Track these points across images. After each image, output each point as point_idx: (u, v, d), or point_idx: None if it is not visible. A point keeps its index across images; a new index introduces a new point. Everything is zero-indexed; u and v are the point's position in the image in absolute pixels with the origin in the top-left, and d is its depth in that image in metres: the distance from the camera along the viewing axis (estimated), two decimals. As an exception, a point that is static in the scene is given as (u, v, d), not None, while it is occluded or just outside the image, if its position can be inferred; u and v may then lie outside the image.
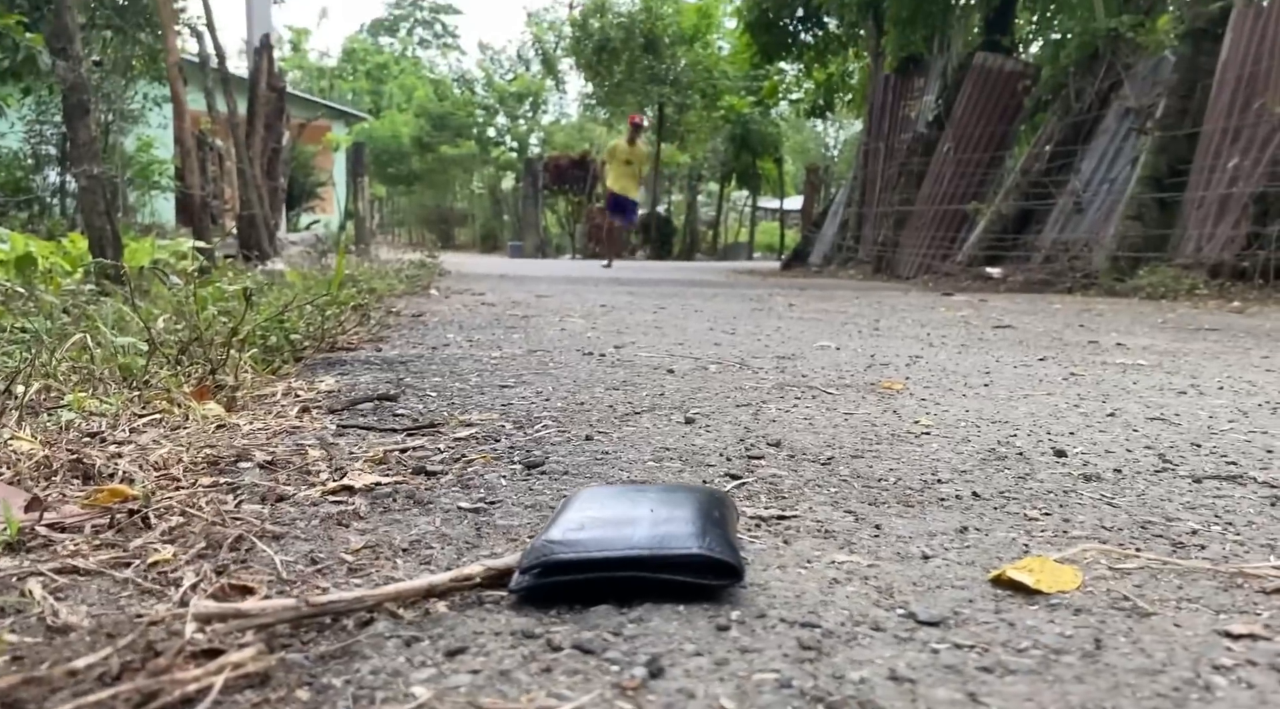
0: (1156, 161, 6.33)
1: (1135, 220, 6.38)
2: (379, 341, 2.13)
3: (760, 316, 3.17)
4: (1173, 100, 6.28)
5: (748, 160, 19.06)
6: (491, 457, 0.99)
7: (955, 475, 0.92)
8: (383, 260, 11.37)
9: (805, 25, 12.42)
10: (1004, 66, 8.62)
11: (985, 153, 8.67)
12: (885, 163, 10.27)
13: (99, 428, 1.12)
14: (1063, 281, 6.84)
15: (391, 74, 28.76)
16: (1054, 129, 7.93)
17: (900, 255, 9.47)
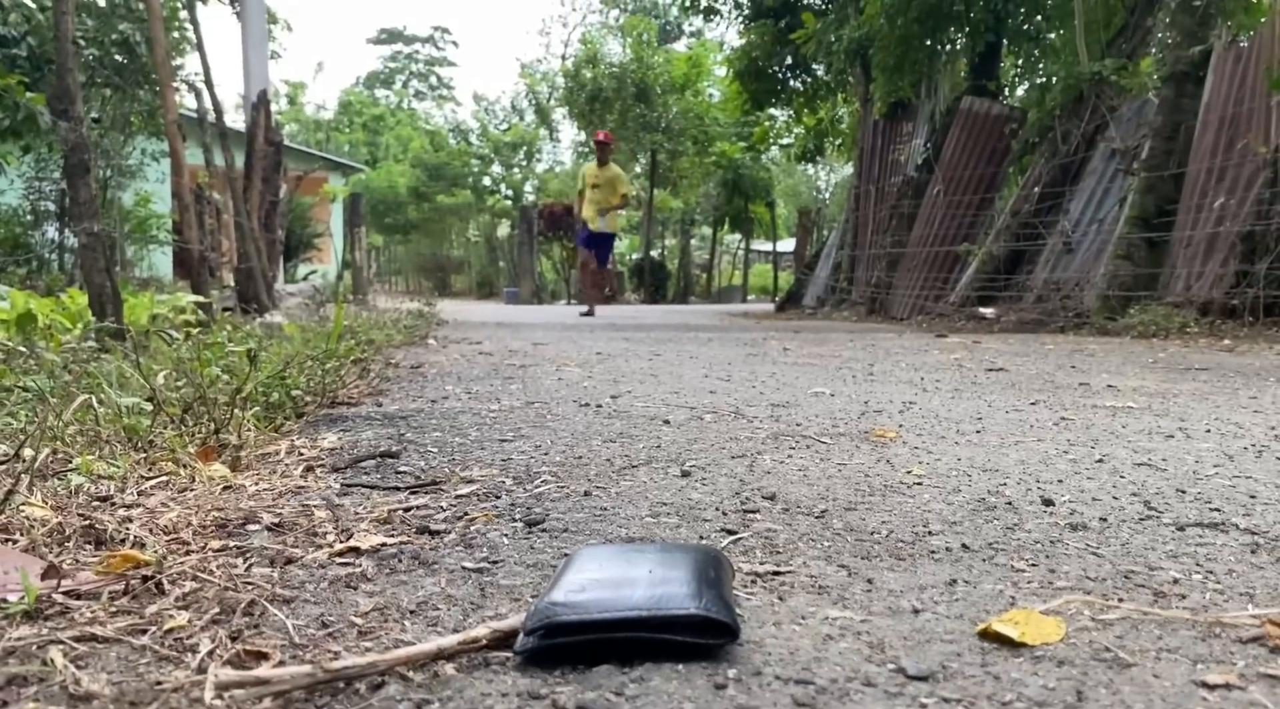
0: (1144, 202, 6.42)
1: (1125, 260, 6.45)
2: (379, 395, 2.15)
3: (755, 362, 3.20)
4: (1157, 142, 6.39)
5: (740, 204, 19.26)
6: (493, 514, 1.01)
7: (946, 527, 0.95)
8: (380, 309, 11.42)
9: (794, 72, 12.63)
10: (990, 110, 8.77)
11: (975, 195, 8.79)
12: (876, 205, 10.39)
13: (108, 491, 1.14)
14: (1055, 321, 6.90)
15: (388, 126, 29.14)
16: (1042, 171, 8.05)
17: (894, 296, 9.55)
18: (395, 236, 24.79)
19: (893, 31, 8.90)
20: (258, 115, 8.67)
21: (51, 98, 5.60)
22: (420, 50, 38.63)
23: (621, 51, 18.51)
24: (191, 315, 4.86)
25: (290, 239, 14.15)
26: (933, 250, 9.03)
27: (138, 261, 12.61)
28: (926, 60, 9.42)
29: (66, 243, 11.36)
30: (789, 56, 12.17)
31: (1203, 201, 6.06)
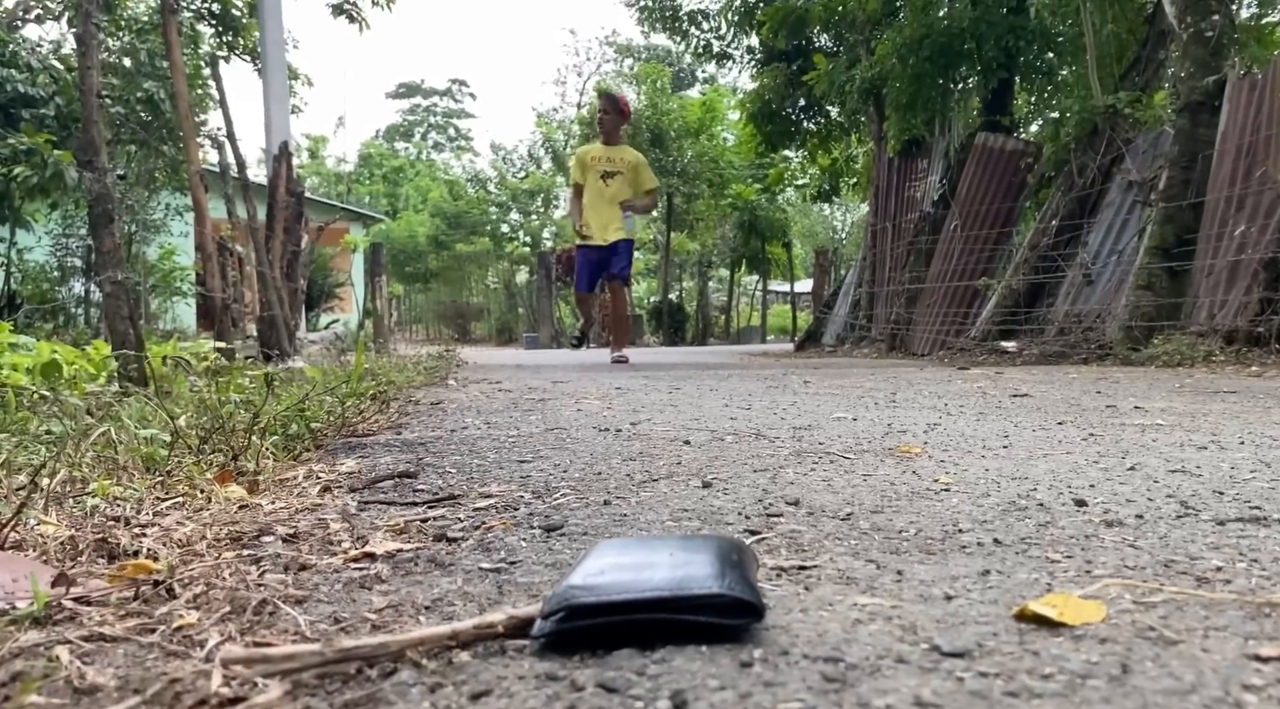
0: (1163, 232, 6.38)
1: (1146, 290, 6.40)
2: (398, 427, 2.15)
3: (775, 393, 3.18)
4: (1174, 172, 6.36)
5: (757, 246, 19.32)
6: (511, 523, 0.99)
7: (976, 525, 0.92)
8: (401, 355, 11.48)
9: (807, 114, 12.72)
10: (1005, 145, 8.79)
11: (992, 229, 8.77)
12: (893, 242, 10.39)
13: (123, 512, 1.13)
14: (1078, 353, 6.84)
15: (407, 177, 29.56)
16: (1059, 204, 8.03)
17: (914, 332, 9.50)
18: (416, 285, 25.02)
19: (905, 71, 8.97)
20: (279, 167, 8.81)
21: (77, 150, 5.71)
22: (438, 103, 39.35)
23: (636, 98, 18.74)
24: (213, 362, 4.89)
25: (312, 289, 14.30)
26: (951, 285, 9.00)
27: (162, 314, 12.77)
28: (939, 98, 9.48)
29: (92, 297, 11.53)
30: (802, 98, 12.28)
31: (1223, 230, 6.01)
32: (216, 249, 6.55)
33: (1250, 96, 6.04)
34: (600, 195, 7.02)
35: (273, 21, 10.20)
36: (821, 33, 11.65)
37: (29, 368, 3.73)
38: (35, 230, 11.32)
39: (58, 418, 2.58)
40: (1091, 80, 7.90)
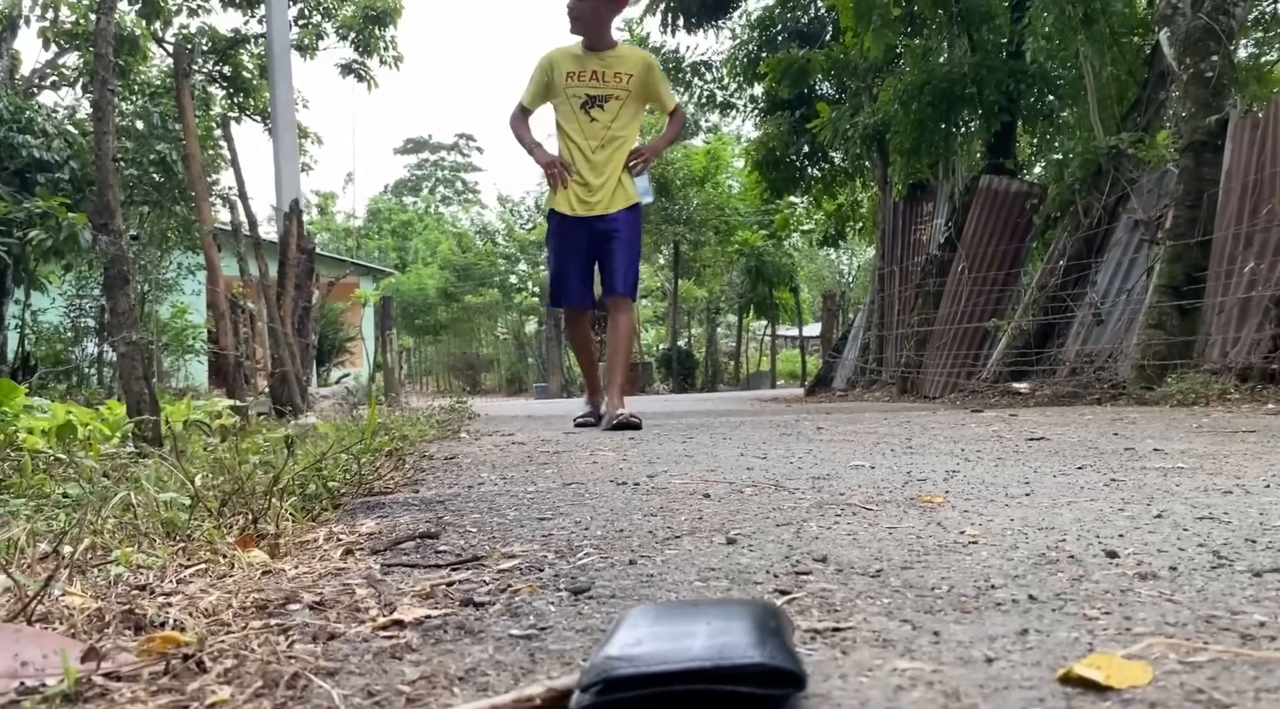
0: (1172, 270, 6.39)
1: (1157, 328, 6.38)
2: (415, 484, 2.14)
3: (790, 441, 3.17)
4: (1181, 211, 6.38)
5: (764, 291, 19.41)
6: (537, 585, 0.99)
7: (1008, 580, 0.91)
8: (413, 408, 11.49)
9: (811, 160, 12.85)
10: (1010, 187, 8.85)
11: (1000, 271, 8.80)
12: (901, 285, 10.42)
13: (147, 580, 1.13)
14: (1091, 393, 6.81)
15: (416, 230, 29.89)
16: (1066, 244, 8.05)
17: (925, 375, 9.49)
18: (425, 338, 25.17)
19: (907, 116, 9.07)
20: (290, 224, 8.92)
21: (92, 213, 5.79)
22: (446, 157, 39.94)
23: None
24: (227, 420, 4.91)
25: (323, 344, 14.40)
26: (961, 327, 9.01)
27: (174, 372, 12.84)
28: (942, 142, 9.57)
29: (105, 357, 11.61)
30: (805, 145, 12.41)
31: (1232, 267, 6.02)
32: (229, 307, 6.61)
33: (1253, 134, 6.08)
34: (585, 135, 4.42)
35: (283, 83, 10.39)
36: (824, 81, 11.81)
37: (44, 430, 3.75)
38: (49, 292, 11.45)
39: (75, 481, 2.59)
40: (1093, 122, 7.97)
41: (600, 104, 4.47)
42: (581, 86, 4.49)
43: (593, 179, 4.46)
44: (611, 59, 4.52)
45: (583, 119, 4.47)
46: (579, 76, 4.49)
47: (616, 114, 4.48)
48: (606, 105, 4.46)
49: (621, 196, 4.52)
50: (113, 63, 4.94)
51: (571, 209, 4.49)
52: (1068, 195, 8.09)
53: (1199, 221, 6.37)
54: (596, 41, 4.52)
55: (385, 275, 19.99)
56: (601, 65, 4.50)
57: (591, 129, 4.46)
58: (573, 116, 4.49)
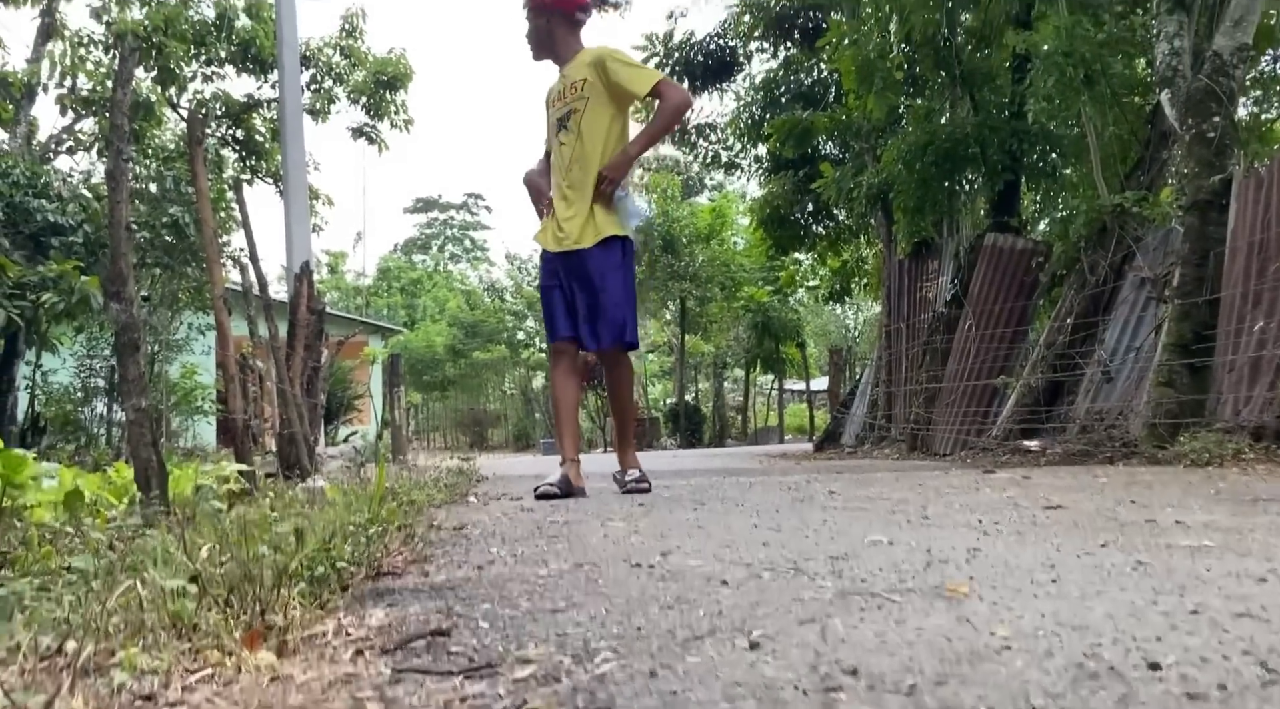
0: (1180, 328, 6.37)
1: (1167, 387, 6.35)
2: (424, 562, 2.11)
3: (803, 508, 3.12)
4: (1187, 270, 6.39)
5: (771, 346, 19.45)
6: (555, 702, 0.95)
7: (1049, 700, 0.87)
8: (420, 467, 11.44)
9: (816, 218, 12.96)
10: (1015, 245, 8.88)
11: (1007, 328, 8.79)
12: (908, 342, 10.41)
13: (152, 688, 1.10)
14: (1102, 452, 6.75)
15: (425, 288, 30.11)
16: (1073, 302, 8.05)
17: (934, 432, 9.43)
18: (434, 394, 25.20)
19: (911, 176, 9.16)
20: (300, 286, 8.97)
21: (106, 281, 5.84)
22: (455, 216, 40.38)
23: (647, 207, 19.18)
24: (235, 485, 4.88)
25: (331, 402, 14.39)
26: (969, 384, 8.97)
27: (183, 432, 12.83)
28: (946, 200, 9.64)
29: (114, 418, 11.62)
30: (810, 203, 12.52)
31: (1241, 326, 6.00)
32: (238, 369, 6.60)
33: (1257, 193, 6.11)
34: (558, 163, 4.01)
35: (294, 147, 10.54)
36: (827, 141, 11.95)
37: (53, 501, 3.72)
38: (60, 353, 11.51)
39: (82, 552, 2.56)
40: (1097, 180, 8.03)
41: (564, 125, 4.01)
42: (554, 111, 4.10)
43: (563, 210, 4.01)
44: (568, 70, 4.07)
45: (555, 145, 4.08)
46: (553, 102, 4.11)
47: (579, 132, 3.96)
48: (569, 123, 3.99)
49: (590, 230, 3.93)
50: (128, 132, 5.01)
51: (547, 243, 4.12)
52: (1073, 253, 8.11)
53: (1206, 280, 6.37)
54: (554, 57, 4.13)
55: (394, 333, 20.09)
56: (562, 82, 4.08)
57: (560, 155, 4.04)
58: (555, 146, 4.11)
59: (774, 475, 6.74)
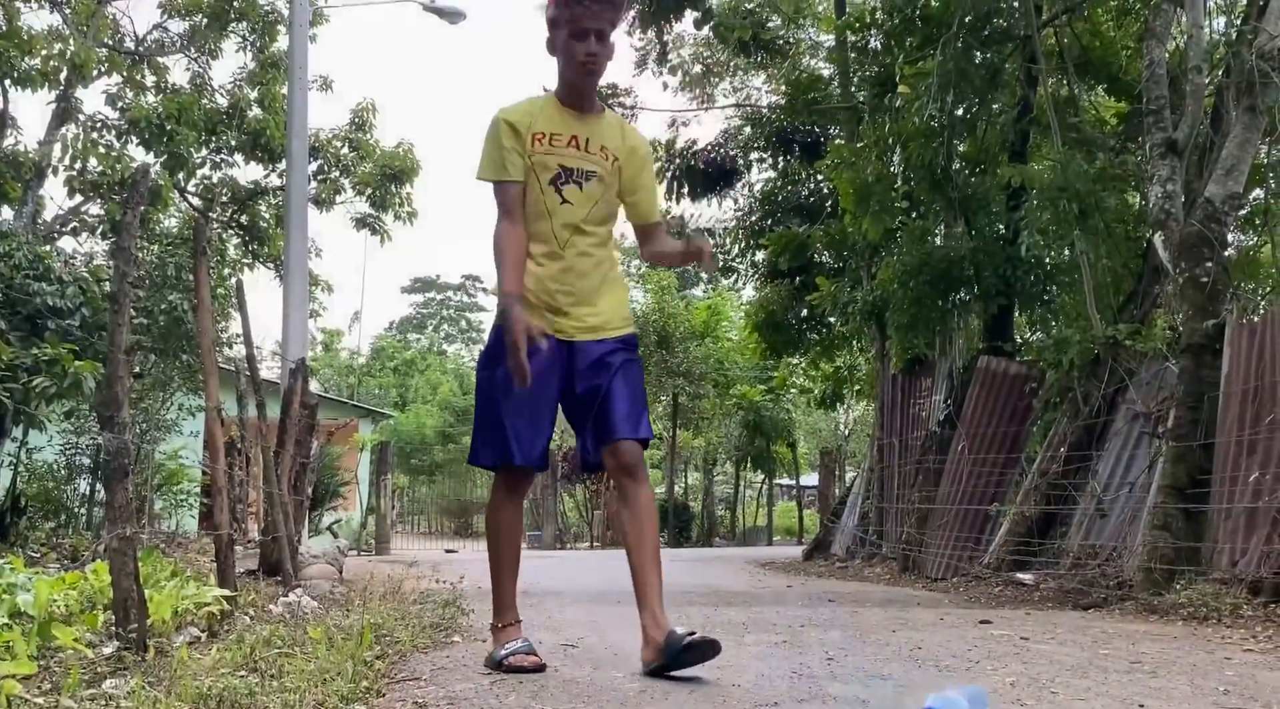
0: (1176, 471, 6.37)
1: (1163, 530, 6.32)
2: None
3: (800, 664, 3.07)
4: (1182, 412, 6.42)
5: (762, 444, 19.41)
6: None
7: None
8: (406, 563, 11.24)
9: (810, 325, 13.05)
10: (1008, 369, 8.94)
11: (1000, 453, 8.79)
12: (901, 459, 10.40)
13: None
14: (1096, 591, 6.70)
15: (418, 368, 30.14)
16: (1066, 431, 8.07)
17: (926, 554, 9.35)
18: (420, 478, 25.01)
19: (905, 294, 9.27)
20: (295, 383, 8.96)
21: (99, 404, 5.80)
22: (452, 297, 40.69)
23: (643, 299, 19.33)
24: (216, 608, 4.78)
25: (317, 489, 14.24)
26: (962, 508, 8.93)
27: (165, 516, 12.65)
28: (940, 319, 9.74)
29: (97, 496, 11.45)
30: (804, 309, 12.63)
31: (1236, 473, 6.00)
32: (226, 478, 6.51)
33: (1251, 341, 6.17)
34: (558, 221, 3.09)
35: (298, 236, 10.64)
36: (823, 252, 12.12)
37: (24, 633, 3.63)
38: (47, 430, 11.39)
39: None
40: (1090, 311, 8.12)
41: (577, 181, 3.11)
42: (554, 153, 3.11)
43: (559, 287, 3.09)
44: (598, 126, 3.18)
45: (554, 200, 3.09)
46: (550, 139, 3.11)
47: (598, 200, 3.15)
48: (588, 185, 3.12)
49: (619, 316, 3.22)
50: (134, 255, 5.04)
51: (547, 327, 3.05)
52: (1066, 381, 8.16)
53: (1201, 423, 6.39)
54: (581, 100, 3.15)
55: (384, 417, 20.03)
56: (585, 130, 3.15)
57: (563, 213, 3.09)
58: (543, 194, 3.08)
59: (767, 605, 6.62)
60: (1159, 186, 6.94)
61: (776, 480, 22.97)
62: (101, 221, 12.11)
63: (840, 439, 22.37)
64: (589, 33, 2.99)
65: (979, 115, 9.12)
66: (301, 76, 10.14)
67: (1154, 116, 7.05)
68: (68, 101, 11.80)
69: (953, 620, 5.43)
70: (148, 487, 12.04)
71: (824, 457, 17.12)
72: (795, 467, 21.52)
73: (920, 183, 9.26)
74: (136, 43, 13.37)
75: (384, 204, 13.07)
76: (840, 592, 7.76)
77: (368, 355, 32.32)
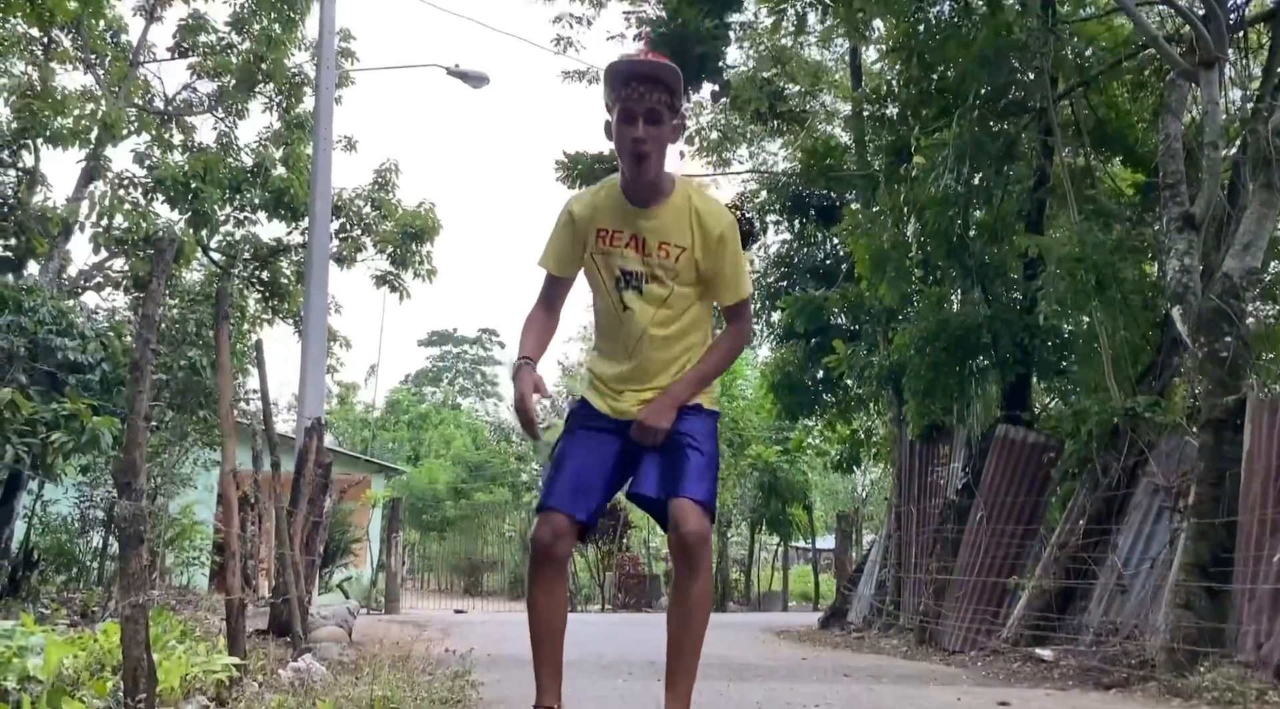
0: (1198, 549, 6.27)
1: (1185, 609, 6.20)
2: None
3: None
4: (1203, 488, 6.33)
5: (778, 507, 19.22)
6: None
7: None
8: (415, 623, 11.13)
9: (826, 386, 13.01)
10: (1027, 438, 8.86)
11: (1019, 524, 8.67)
12: (919, 527, 10.28)
13: None
14: (1118, 670, 6.55)
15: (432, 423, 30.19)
16: (1085, 503, 7.97)
17: (943, 626, 9.19)
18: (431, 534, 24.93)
19: (922, 360, 9.24)
20: (309, 441, 8.99)
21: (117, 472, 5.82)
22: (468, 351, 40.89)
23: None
24: (225, 675, 4.74)
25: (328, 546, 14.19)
26: (980, 580, 8.79)
27: (177, 570, 12.61)
28: (958, 386, 9.69)
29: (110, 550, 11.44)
30: (820, 371, 12.59)
31: (1259, 553, 5.90)
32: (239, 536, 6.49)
33: (1273, 419, 6.09)
34: (625, 329, 2.98)
35: (318, 293, 10.74)
36: (840, 314, 12.13)
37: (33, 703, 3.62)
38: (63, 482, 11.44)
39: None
40: (1109, 382, 8.06)
41: (635, 286, 2.95)
42: (615, 252, 2.95)
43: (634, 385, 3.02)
44: (660, 217, 2.92)
45: (614, 305, 2.99)
46: (611, 238, 2.95)
47: (664, 299, 2.94)
48: (649, 289, 2.94)
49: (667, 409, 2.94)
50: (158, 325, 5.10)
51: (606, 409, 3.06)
52: (1085, 452, 8.08)
53: (1223, 500, 6.29)
54: (644, 192, 2.91)
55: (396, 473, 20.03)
56: (644, 226, 2.92)
57: (628, 320, 2.97)
58: (606, 298, 3.01)
59: (781, 680, 6.51)
60: (1176, 260, 6.93)
61: (792, 543, 22.71)
62: (125, 276, 12.28)
63: (857, 502, 22.14)
64: (637, 117, 2.82)
65: (995, 185, 9.18)
66: (326, 137, 10.32)
67: (1170, 190, 7.07)
68: (97, 159, 12.06)
69: (970, 701, 5.32)
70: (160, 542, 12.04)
71: (840, 521, 16.93)
72: (811, 529, 21.29)
73: (936, 250, 9.29)
74: (166, 102, 13.69)
75: (404, 262, 13.21)
76: (856, 666, 7.62)
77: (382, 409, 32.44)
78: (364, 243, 13.38)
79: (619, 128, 2.85)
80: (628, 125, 2.83)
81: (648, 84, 2.82)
